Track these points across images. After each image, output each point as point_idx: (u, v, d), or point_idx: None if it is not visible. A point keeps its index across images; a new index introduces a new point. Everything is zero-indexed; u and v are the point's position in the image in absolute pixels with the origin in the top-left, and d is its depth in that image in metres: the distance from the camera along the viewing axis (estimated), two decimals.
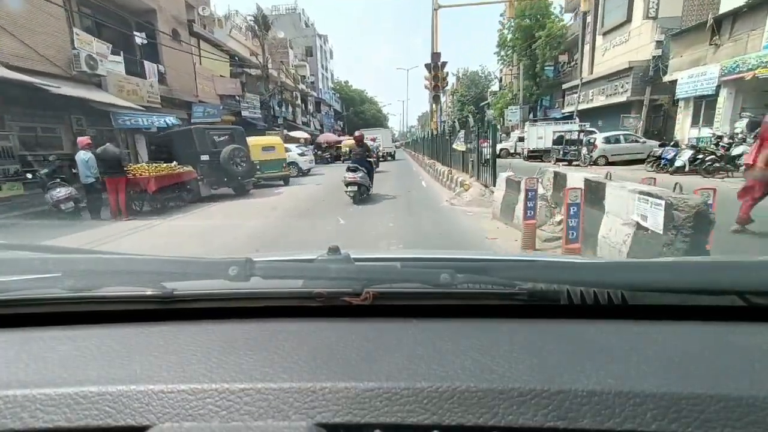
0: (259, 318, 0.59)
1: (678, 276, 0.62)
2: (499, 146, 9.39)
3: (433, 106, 18.67)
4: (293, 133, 22.72)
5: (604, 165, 14.22)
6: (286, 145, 17.33)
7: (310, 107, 33.52)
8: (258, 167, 11.02)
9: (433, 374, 0.43)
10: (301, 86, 29.44)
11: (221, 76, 17.18)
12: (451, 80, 59.13)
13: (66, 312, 0.60)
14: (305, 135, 23.63)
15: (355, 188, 7.28)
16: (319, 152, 25.95)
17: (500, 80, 40.52)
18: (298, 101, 29.51)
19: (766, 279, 0.58)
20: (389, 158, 26.29)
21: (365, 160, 7.82)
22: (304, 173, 15.62)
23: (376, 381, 0.42)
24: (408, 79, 65.01)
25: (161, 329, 0.56)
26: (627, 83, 17.36)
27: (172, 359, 0.47)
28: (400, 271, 0.62)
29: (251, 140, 11.89)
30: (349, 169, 7.45)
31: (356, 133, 8.83)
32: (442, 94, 16.10)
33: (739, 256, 1.97)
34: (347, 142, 25.95)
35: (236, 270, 0.55)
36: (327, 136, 27.76)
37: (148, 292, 0.60)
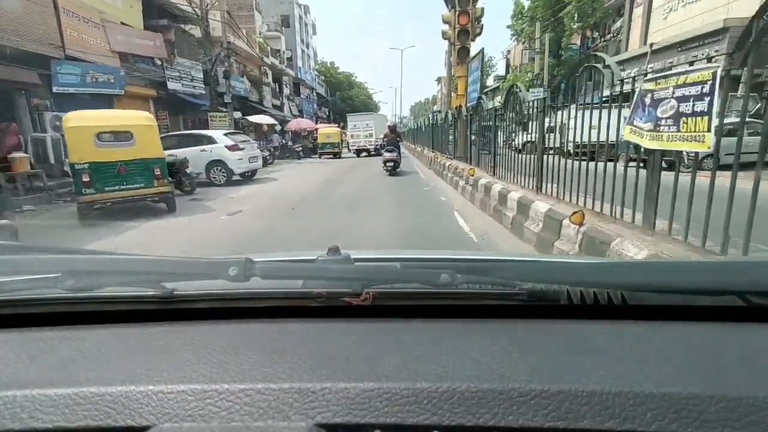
0: (259, 318, 0.63)
1: (678, 276, 0.66)
2: (521, 138, 5.54)
3: (455, 69, 11.99)
4: (254, 118, 16.51)
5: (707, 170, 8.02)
6: (208, 133, 10.56)
7: (286, 89, 27.26)
8: (87, 177, 5.92)
9: (433, 374, 0.47)
10: (272, 60, 22.96)
11: (124, 24, 10.40)
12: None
13: (66, 312, 0.64)
14: (269, 120, 17.37)
15: (392, 164, 11.23)
16: (289, 143, 19.33)
17: (508, 61, 34.18)
18: (269, 79, 23.13)
19: (766, 279, 0.63)
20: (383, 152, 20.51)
21: (397, 144, 11.92)
22: (242, 178, 10.75)
23: (376, 381, 0.46)
24: (402, 63, 58.81)
25: (161, 329, 0.60)
26: (717, 51, 10.95)
27: (172, 359, 0.52)
28: (400, 272, 0.66)
29: (73, 116, 6.33)
30: (387, 150, 11.43)
31: (389, 124, 13.43)
32: (460, 64, 10.06)
33: (739, 256, 1.97)
34: (325, 130, 21.76)
35: (236, 270, 0.58)
36: (300, 122, 22.09)
37: (148, 292, 0.64)
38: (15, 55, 8.59)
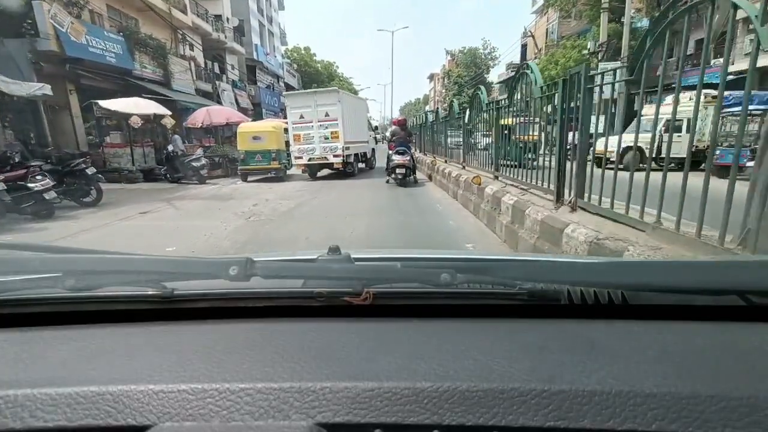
0: (260, 318, 0.63)
1: (678, 276, 0.66)
2: (600, 142, 2.28)
3: None
4: (115, 103, 6.23)
5: None
6: None
7: (233, 72, 17.68)
8: None
9: (433, 374, 0.47)
10: (194, 20, 13.23)
11: None
12: (444, 60, 45.89)
13: (66, 312, 0.64)
14: (156, 110, 7.40)
15: (403, 170, 8.39)
16: (197, 154, 8.48)
17: (524, 48, 26.11)
18: (191, 51, 13.17)
19: (766, 279, 0.63)
20: (364, 167, 12.58)
21: (408, 145, 9.03)
22: None
23: (376, 381, 0.46)
24: (392, 51, 49.53)
25: (161, 329, 0.60)
26: None
27: (173, 359, 0.52)
28: (400, 271, 0.66)
29: None
30: (397, 152, 8.51)
31: (398, 118, 9.99)
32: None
33: (739, 256, 1.90)
34: (251, 127, 11.96)
35: (237, 270, 0.58)
36: (214, 112, 11.79)
37: (149, 292, 0.64)
38: None
